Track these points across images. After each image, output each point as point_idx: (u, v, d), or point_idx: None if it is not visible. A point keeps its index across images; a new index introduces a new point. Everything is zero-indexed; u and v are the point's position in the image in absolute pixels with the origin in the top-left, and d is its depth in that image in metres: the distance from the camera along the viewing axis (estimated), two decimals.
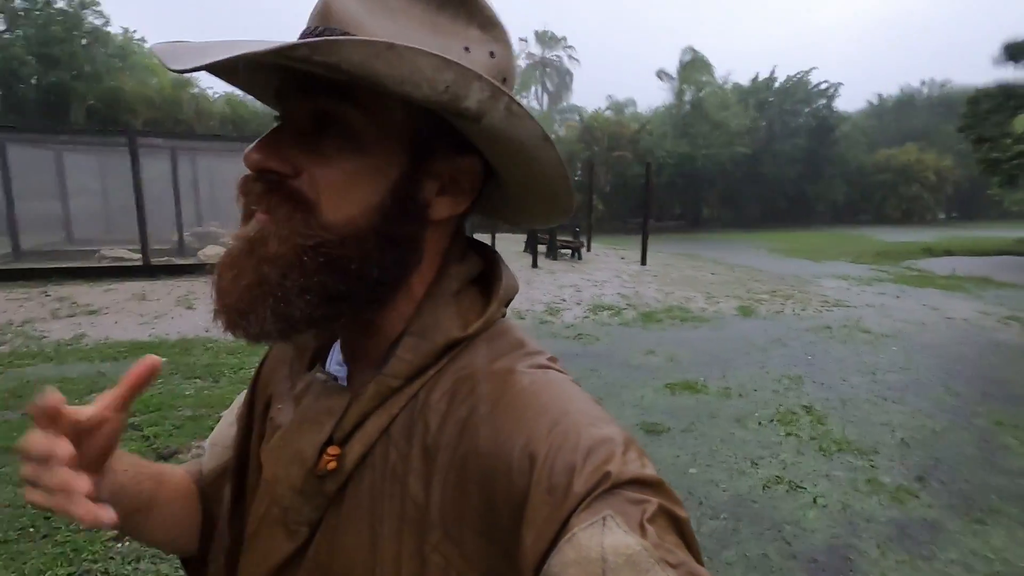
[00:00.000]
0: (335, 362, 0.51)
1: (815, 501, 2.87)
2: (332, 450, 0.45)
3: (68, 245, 11.63)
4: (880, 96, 46.23)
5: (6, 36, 20.15)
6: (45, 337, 5.52)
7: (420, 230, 0.45)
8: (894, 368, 5.21)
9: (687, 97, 31.74)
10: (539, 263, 11.63)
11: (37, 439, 0.40)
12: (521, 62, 39.14)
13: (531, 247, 12.19)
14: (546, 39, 43.22)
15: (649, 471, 0.38)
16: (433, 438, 0.43)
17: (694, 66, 31.38)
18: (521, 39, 41.74)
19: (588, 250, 14.19)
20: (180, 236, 11.01)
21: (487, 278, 0.51)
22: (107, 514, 0.40)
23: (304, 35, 0.41)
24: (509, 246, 15.23)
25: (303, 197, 0.41)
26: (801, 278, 11.13)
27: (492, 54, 0.44)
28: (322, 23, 0.40)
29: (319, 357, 0.53)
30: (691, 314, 7.44)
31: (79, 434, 0.43)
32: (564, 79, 44.22)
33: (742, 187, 31.96)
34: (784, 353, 5.64)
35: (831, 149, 33.59)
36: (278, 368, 0.56)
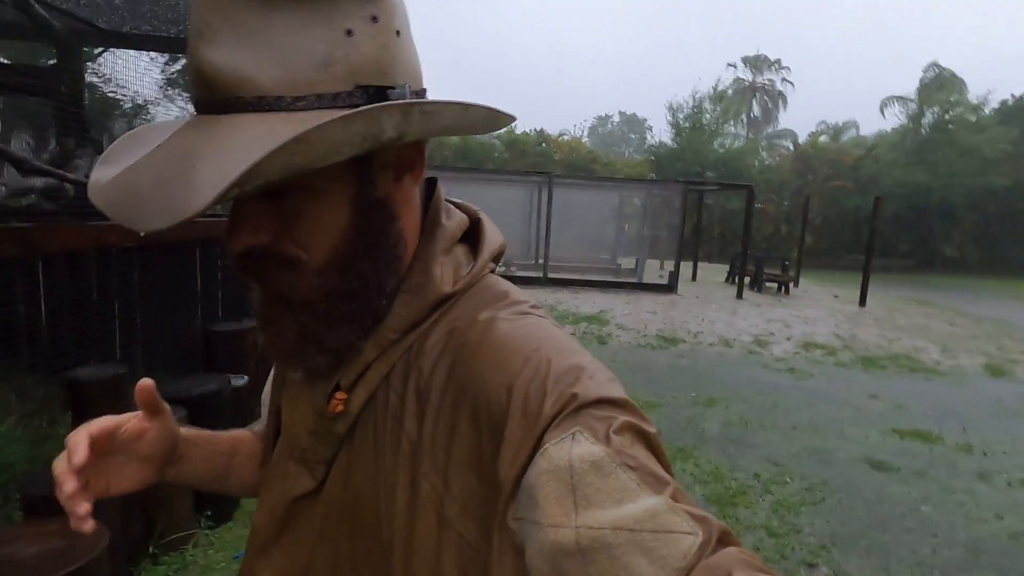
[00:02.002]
0: None
1: None
2: (339, 395, 0.50)
3: None
4: None
5: None
6: None
7: (391, 220, 0.48)
8: None
9: (927, 119, 27.77)
10: (743, 295, 11.49)
11: (58, 466, 0.50)
12: (729, 90, 37.78)
13: (736, 278, 12.07)
14: (757, 63, 41.22)
15: (615, 392, 0.42)
16: (425, 381, 0.48)
17: (939, 84, 27.39)
18: (729, 64, 40.40)
19: (796, 285, 13.49)
20: None
21: (474, 235, 0.56)
22: (87, 526, 0.49)
23: (202, 107, 0.41)
24: (710, 276, 15.14)
25: (287, 257, 0.45)
26: None
27: (375, 18, 0.42)
28: (206, 92, 0.40)
29: None
30: (922, 364, 6.92)
31: (125, 442, 0.54)
32: (777, 103, 41.62)
33: (997, 225, 26.80)
34: None
35: None
36: None
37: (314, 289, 0.46)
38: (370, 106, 0.38)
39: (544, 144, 28.16)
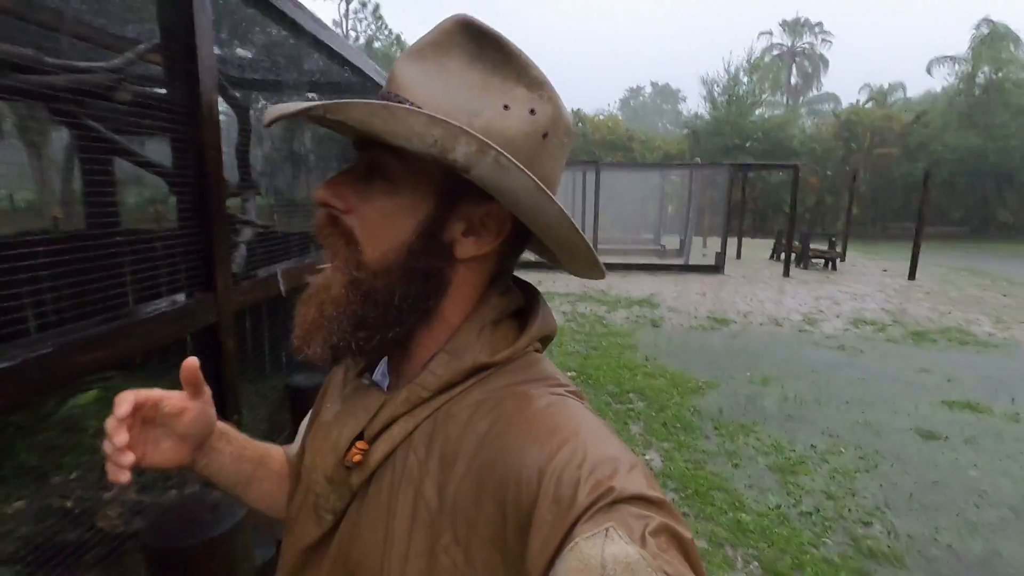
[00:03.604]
0: (380, 373, 0.58)
1: None
2: (360, 444, 0.51)
3: None
4: None
5: None
6: None
7: (444, 265, 0.50)
8: None
9: (979, 79, 26.46)
10: (790, 272, 11.59)
11: (109, 422, 0.53)
12: (766, 57, 36.62)
13: (781, 255, 12.15)
14: (795, 27, 39.73)
15: (654, 492, 0.40)
16: (452, 447, 0.47)
17: (992, 40, 26.01)
18: (763, 32, 39.07)
19: (842, 260, 13.45)
20: None
21: (526, 314, 0.56)
22: (124, 476, 0.52)
23: (380, 96, 0.48)
24: (754, 253, 15.17)
25: (352, 236, 0.49)
26: None
27: (532, 111, 0.48)
28: (388, 88, 0.48)
29: (370, 366, 0.59)
30: (974, 338, 7.05)
31: (166, 415, 0.57)
32: (818, 66, 40.15)
33: None
34: None
35: None
36: (339, 371, 0.63)
37: (355, 279, 0.49)
38: (457, 123, 0.42)
39: (581, 124, 28.10)
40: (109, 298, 1.27)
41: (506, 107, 0.48)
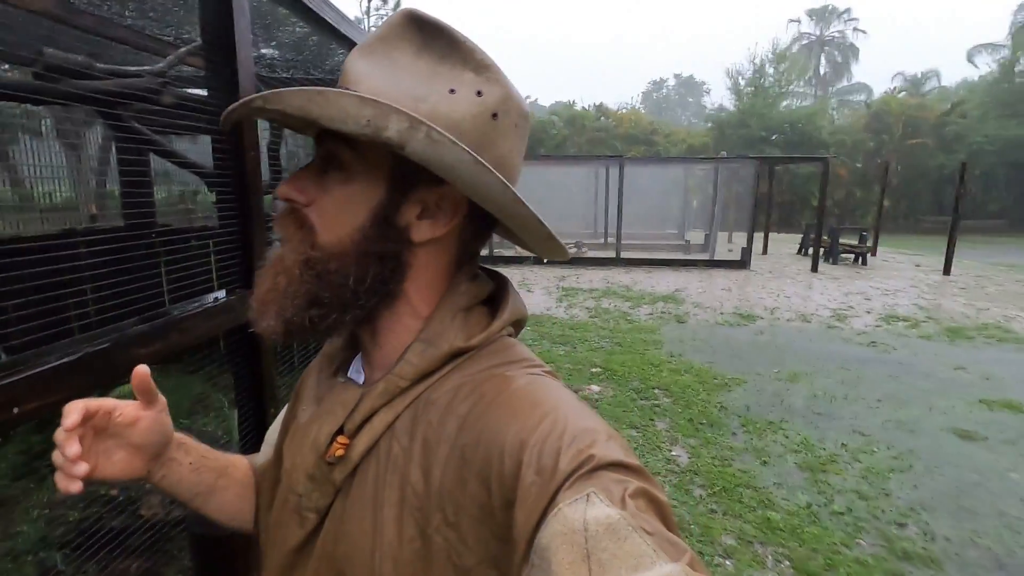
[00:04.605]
0: (355, 369, 0.58)
1: None
2: (341, 439, 0.52)
3: None
4: None
5: None
6: None
7: (401, 248, 0.52)
8: None
9: (1020, 67, 25.48)
10: (819, 268, 11.37)
11: (59, 433, 0.50)
12: (794, 47, 35.78)
13: (809, 250, 11.93)
14: (824, 15, 38.74)
15: (631, 458, 0.42)
16: (435, 432, 0.48)
17: None
18: (792, 20, 38.22)
19: (873, 255, 13.13)
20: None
21: (497, 300, 0.57)
22: (75, 486, 0.50)
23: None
24: (781, 247, 14.91)
25: (308, 222, 0.51)
26: None
27: (479, 93, 0.49)
28: (340, 83, 0.49)
29: (344, 367, 0.59)
30: (1013, 334, 6.83)
31: (119, 425, 0.54)
32: (847, 56, 39.11)
33: None
34: None
35: None
36: (310, 374, 0.63)
37: (309, 258, 0.50)
38: (387, 103, 0.43)
39: (603, 118, 27.89)
40: (152, 296, 1.31)
41: (452, 91, 0.49)
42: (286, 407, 0.68)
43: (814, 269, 11.23)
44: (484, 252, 0.62)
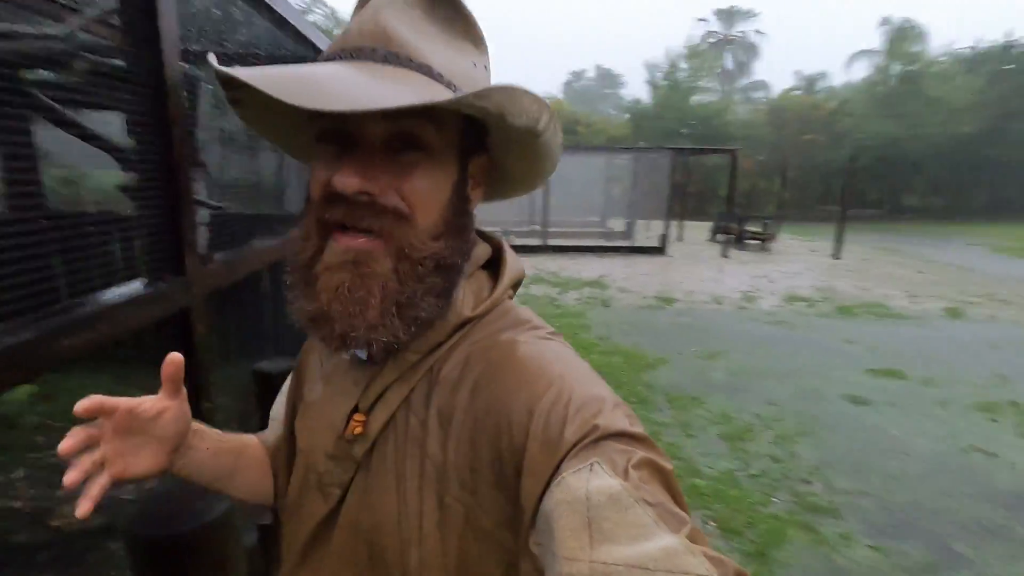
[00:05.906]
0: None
1: (1013, 466, 3.52)
2: (358, 416, 0.52)
3: None
4: None
5: None
6: None
7: (470, 220, 0.53)
8: None
9: (894, 71, 28.38)
10: (729, 254, 12.14)
11: (66, 443, 0.47)
12: (703, 44, 37.71)
13: (719, 237, 12.69)
14: (729, 15, 41.09)
15: (636, 427, 0.42)
16: (448, 402, 0.49)
17: (904, 35, 27.94)
18: (700, 19, 40.27)
19: (775, 241, 14.22)
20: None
21: (495, 263, 0.58)
22: (82, 510, 0.48)
23: (365, 54, 0.46)
24: (694, 234, 15.75)
25: (399, 211, 0.47)
26: None
27: (485, 67, 0.53)
28: (381, 45, 0.46)
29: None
30: (890, 311, 7.66)
31: (143, 420, 0.51)
32: (750, 55, 41.75)
33: (961, 173, 27.89)
34: (996, 356, 5.82)
35: None
36: (310, 353, 0.64)
37: (427, 246, 0.48)
38: (510, 85, 0.43)
39: None
40: (75, 283, 1.20)
41: (475, 64, 0.52)
42: (286, 385, 0.67)
43: (724, 255, 12.01)
44: None
